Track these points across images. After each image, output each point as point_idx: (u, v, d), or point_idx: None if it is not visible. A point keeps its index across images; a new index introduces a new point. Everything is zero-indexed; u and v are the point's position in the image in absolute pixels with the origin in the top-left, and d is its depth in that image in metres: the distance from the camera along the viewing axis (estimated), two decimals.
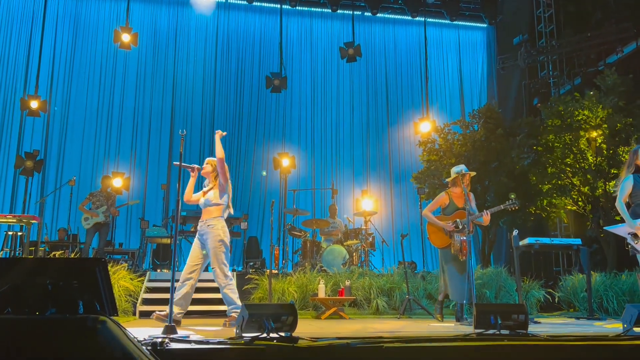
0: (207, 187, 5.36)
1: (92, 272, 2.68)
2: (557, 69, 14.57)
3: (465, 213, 5.72)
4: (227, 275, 5.10)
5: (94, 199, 9.32)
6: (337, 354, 2.94)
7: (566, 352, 3.17)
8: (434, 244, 6.12)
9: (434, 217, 6.01)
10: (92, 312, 2.58)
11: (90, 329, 2.31)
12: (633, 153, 5.20)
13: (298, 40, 15.35)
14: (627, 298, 7.68)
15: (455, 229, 5.82)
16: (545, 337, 3.36)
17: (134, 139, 13.83)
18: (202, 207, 5.26)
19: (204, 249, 5.15)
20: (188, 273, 5.09)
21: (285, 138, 14.67)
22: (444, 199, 6.08)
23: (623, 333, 3.67)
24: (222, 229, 5.14)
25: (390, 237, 13.56)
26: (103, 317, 2.40)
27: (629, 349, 3.26)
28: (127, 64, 14.03)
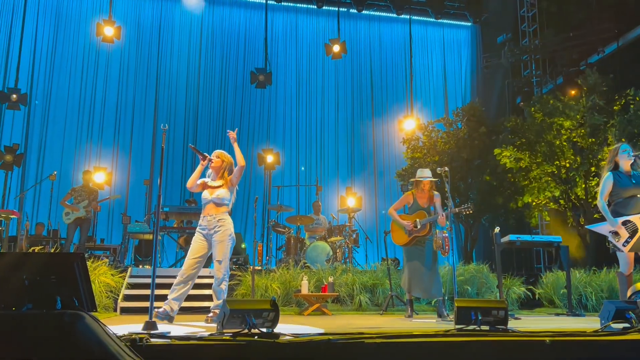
0: (215, 183, 5.24)
1: (70, 267, 2.64)
2: (539, 68, 14.72)
3: (425, 213, 6.06)
4: (228, 271, 5.13)
5: (75, 194, 9.19)
6: (318, 349, 2.94)
7: (545, 347, 3.21)
8: (395, 242, 6.32)
9: (397, 216, 6.24)
10: (70, 308, 2.55)
11: (67, 325, 2.28)
12: (614, 151, 5.28)
13: (283, 36, 15.30)
14: (605, 295, 7.80)
15: (414, 228, 6.04)
16: (524, 333, 3.39)
17: (117, 134, 13.68)
18: (210, 202, 5.15)
19: (209, 244, 5.12)
20: (191, 269, 5.05)
21: (270, 134, 14.63)
22: (408, 198, 6.31)
23: (601, 329, 3.72)
24: (231, 224, 5.18)
25: (374, 234, 13.62)
26: (81, 313, 2.37)
27: (607, 344, 3.30)
28: (110, 57, 13.86)
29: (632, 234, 4.93)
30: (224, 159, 5.31)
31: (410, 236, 6.06)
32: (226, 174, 5.27)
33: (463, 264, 8.95)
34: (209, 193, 5.19)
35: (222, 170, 5.26)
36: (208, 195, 5.17)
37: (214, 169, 5.28)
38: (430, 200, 6.16)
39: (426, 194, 6.18)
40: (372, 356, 2.99)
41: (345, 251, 9.72)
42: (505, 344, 3.21)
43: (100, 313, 6.25)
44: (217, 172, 5.27)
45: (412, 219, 6.13)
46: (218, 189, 5.19)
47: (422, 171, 6.33)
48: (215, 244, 5.07)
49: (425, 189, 6.17)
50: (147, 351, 2.69)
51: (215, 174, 5.28)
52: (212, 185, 5.23)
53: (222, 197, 5.13)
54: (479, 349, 3.14)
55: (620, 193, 5.09)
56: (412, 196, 6.27)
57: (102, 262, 7.14)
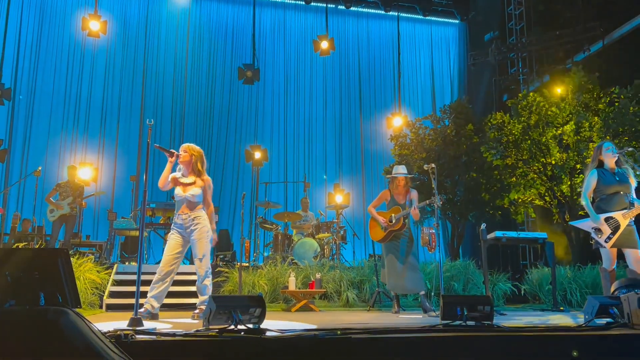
0: (187, 179, 5.11)
1: (54, 263, 2.61)
2: (526, 66, 14.83)
3: (400, 208, 6.18)
4: (209, 268, 5.09)
5: (60, 190, 9.02)
6: (304, 345, 2.94)
7: (530, 342, 3.24)
8: (373, 238, 6.47)
9: (375, 212, 6.37)
10: (54, 304, 2.52)
11: (51, 321, 2.26)
12: (597, 148, 5.34)
13: (271, 32, 15.25)
14: (589, 290, 7.88)
15: (389, 223, 6.16)
16: (509, 328, 3.42)
17: (103, 130, 13.55)
18: (184, 201, 5.06)
19: (185, 241, 5.08)
20: (169, 266, 5.01)
21: (258, 130, 14.58)
22: (386, 195, 6.43)
23: (584, 324, 3.76)
24: (207, 221, 5.13)
25: (362, 230, 13.65)
26: (65, 309, 2.35)
27: (590, 339, 3.34)
28: (96, 52, 13.72)
29: (614, 230, 4.99)
30: (192, 152, 5.12)
31: (385, 231, 6.18)
32: (199, 165, 5.12)
33: (450, 260, 9.01)
34: (182, 190, 5.07)
35: (193, 164, 5.11)
36: (181, 193, 5.06)
37: (183, 164, 5.12)
38: (407, 196, 6.28)
39: (402, 190, 6.29)
40: (359, 352, 3.00)
41: (332, 248, 9.73)
42: (491, 339, 3.23)
43: (85, 310, 6.20)
44: (188, 166, 5.12)
45: (388, 215, 6.26)
46: (191, 186, 5.07)
47: (396, 168, 6.46)
48: (194, 243, 5.04)
49: (400, 185, 6.28)
50: (132, 347, 2.67)
51: (186, 169, 5.13)
52: (185, 182, 5.10)
53: (196, 195, 5.04)
54: (465, 344, 3.16)
55: (604, 190, 5.15)
56: (389, 193, 6.40)
57: (87, 259, 7.07)
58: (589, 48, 13.15)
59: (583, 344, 3.31)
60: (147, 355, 2.70)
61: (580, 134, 9.96)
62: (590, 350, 3.30)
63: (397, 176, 6.29)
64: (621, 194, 5.11)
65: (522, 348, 3.22)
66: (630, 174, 5.22)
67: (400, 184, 6.27)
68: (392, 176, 6.39)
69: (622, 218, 5.00)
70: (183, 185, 5.08)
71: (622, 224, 4.98)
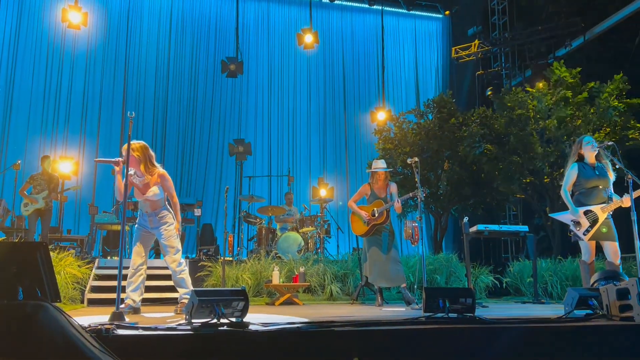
0: (141, 180, 4.87)
1: (33, 257, 2.58)
2: (509, 61, 14.94)
3: (382, 202, 6.26)
4: (181, 262, 5.04)
5: (34, 183, 8.62)
6: (288, 338, 2.94)
7: (510, 334, 3.27)
8: (355, 232, 6.52)
9: (356, 207, 6.43)
10: (33, 298, 2.49)
11: (29, 315, 2.23)
12: (577, 143, 5.40)
13: (255, 25, 15.15)
14: (570, 283, 7.99)
15: (372, 217, 6.24)
16: (491, 320, 3.45)
17: (84, 123, 13.36)
18: (145, 201, 4.93)
19: (151, 235, 5.03)
20: (140, 258, 4.97)
21: (241, 124, 14.50)
22: (366, 189, 6.52)
23: (564, 315, 3.81)
24: (172, 216, 5.06)
25: (346, 224, 13.66)
26: (44, 303, 2.32)
27: (570, 330, 3.39)
28: (77, 44, 13.50)
29: (593, 223, 5.07)
30: (134, 151, 4.74)
31: (368, 226, 6.26)
32: (149, 164, 4.85)
33: (433, 254, 9.07)
34: (140, 193, 4.89)
35: (142, 162, 4.81)
36: (140, 195, 4.89)
37: (132, 167, 4.80)
38: (387, 190, 6.37)
39: (382, 184, 6.38)
40: (342, 344, 3.01)
41: (317, 242, 9.74)
42: (473, 331, 3.26)
43: (66, 304, 6.13)
44: (137, 166, 4.81)
45: (370, 209, 6.32)
46: (148, 187, 4.88)
47: (376, 162, 6.53)
48: (162, 243, 4.99)
49: (381, 179, 6.38)
50: (113, 342, 2.65)
51: (137, 170, 4.86)
52: (140, 184, 4.89)
53: (155, 194, 4.88)
54: (447, 336, 3.18)
55: (584, 184, 5.22)
56: (369, 187, 6.48)
57: (68, 253, 6.98)
58: (570, 43, 13.29)
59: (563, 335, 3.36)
60: (128, 349, 2.68)
61: (562, 128, 10.07)
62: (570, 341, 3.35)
63: (377, 171, 6.37)
64: (600, 188, 5.19)
65: (503, 340, 3.26)
66: (609, 168, 5.30)
67: (381, 178, 6.37)
68: (372, 171, 6.45)
69: (600, 212, 5.08)
70: (140, 188, 4.89)
71: (600, 217, 5.06)
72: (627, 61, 12.39)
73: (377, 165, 6.46)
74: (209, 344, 2.82)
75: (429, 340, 3.14)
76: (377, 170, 6.37)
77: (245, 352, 2.84)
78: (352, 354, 2.98)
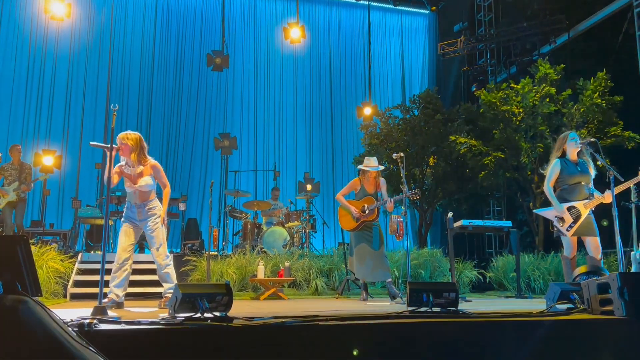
0: (133, 170, 4.86)
1: (13, 251, 2.54)
2: (494, 57, 15.03)
3: (373, 199, 6.21)
4: (167, 255, 5.01)
5: (5, 174, 8.33)
6: (271, 332, 2.93)
7: (493, 328, 3.30)
8: (343, 227, 6.45)
9: (345, 201, 6.36)
10: (13, 292, 2.45)
11: (9, 310, 2.19)
12: (562, 138, 5.45)
13: (241, 18, 15.05)
14: (552, 278, 8.09)
15: (362, 214, 6.18)
16: (474, 314, 3.48)
17: (67, 115, 13.18)
18: (136, 192, 4.90)
19: (138, 229, 4.99)
20: (125, 253, 4.92)
21: (227, 118, 14.42)
22: (355, 184, 6.42)
23: (546, 310, 3.85)
24: (161, 209, 5.03)
25: (332, 219, 13.68)
26: (24, 297, 2.28)
27: (551, 324, 3.43)
28: (60, 35, 13.30)
29: (576, 219, 5.13)
30: (128, 142, 4.78)
31: (357, 221, 6.21)
32: (142, 154, 4.86)
33: (417, 249, 9.12)
34: (131, 182, 4.86)
35: (135, 151, 4.80)
36: (131, 186, 4.86)
37: (124, 155, 4.81)
38: (377, 187, 6.32)
39: (373, 181, 6.33)
40: (326, 338, 3.01)
41: (302, 236, 9.74)
42: (456, 324, 3.28)
43: (48, 299, 6.07)
44: (129, 154, 4.80)
45: (359, 204, 6.26)
46: (140, 177, 4.86)
47: (368, 160, 6.45)
48: (149, 234, 4.94)
49: (372, 176, 6.32)
50: (95, 336, 2.62)
51: (129, 159, 4.84)
52: (132, 174, 4.87)
53: (148, 185, 4.87)
54: (430, 330, 3.20)
55: (566, 180, 5.27)
56: (359, 182, 6.40)
57: (50, 248, 6.90)
58: (555, 40, 13.40)
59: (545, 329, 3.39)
60: (111, 344, 2.66)
61: (545, 124, 10.16)
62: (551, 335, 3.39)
63: (370, 170, 6.28)
64: (582, 185, 5.25)
65: (486, 333, 3.29)
66: (591, 165, 5.36)
67: (372, 175, 6.31)
68: (363, 169, 6.36)
69: (583, 208, 5.14)
70: (131, 178, 4.86)
71: (583, 213, 5.12)
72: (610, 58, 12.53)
73: (369, 163, 6.36)
74: (192, 338, 2.81)
75: (413, 334, 3.16)
76: (370, 170, 6.28)
77: (228, 346, 2.83)
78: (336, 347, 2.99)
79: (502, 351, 3.25)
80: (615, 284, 3.58)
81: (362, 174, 6.41)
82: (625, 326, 3.43)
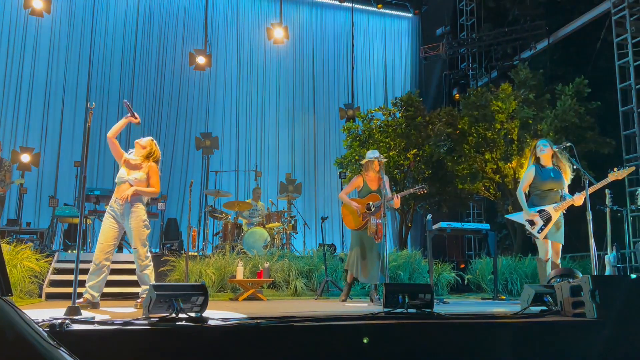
0: (135, 160, 5.04)
1: None
2: (476, 62, 15.18)
3: (378, 196, 5.96)
4: (148, 256, 4.97)
5: None
6: (246, 333, 2.93)
7: (467, 329, 3.34)
8: (348, 226, 6.21)
9: (349, 199, 6.13)
10: None
11: None
12: (533, 146, 5.56)
13: (224, 18, 14.96)
14: (529, 280, 8.19)
15: (367, 211, 5.99)
16: (448, 316, 3.52)
17: (46, 113, 12.97)
18: (126, 183, 4.91)
19: (120, 227, 4.94)
20: (105, 254, 4.86)
21: (209, 117, 14.31)
22: (358, 181, 6.22)
23: (520, 311, 3.91)
24: (144, 209, 5.00)
25: (313, 220, 13.70)
26: None
27: (525, 326, 3.47)
28: (39, 32, 13.10)
29: (546, 222, 5.23)
30: (145, 146, 5.14)
31: (364, 220, 5.97)
32: (152, 160, 5.10)
33: (397, 250, 9.16)
34: (126, 172, 4.97)
35: (144, 157, 5.09)
36: (125, 175, 4.95)
37: (136, 153, 5.11)
38: (380, 183, 6.03)
39: (376, 176, 6.10)
40: (301, 339, 3.02)
41: (283, 237, 9.73)
42: (431, 326, 3.31)
43: (23, 299, 5.99)
44: (140, 154, 5.10)
45: (364, 202, 6.06)
46: (137, 170, 4.98)
47: (372, 152, 6.24)
48: (130, 231, 4.91)
49: (374, 173, 6.10)
50: (67, 337, 2.60)
51: (138, 160, 5.08)
52: (132, 163, 5.03)
53: (138, 179, 4.93)
54: (405, 331, 3.23)
55: (539, 186, 5.39)
56: (361, 179, 6.18)
57: (26, 246, 6.80)
58: (535, 45, 13.59)
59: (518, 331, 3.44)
60: (83, 344, 2.63)
61: (524, 128, 10.29)
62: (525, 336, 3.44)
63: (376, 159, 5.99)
64: (555, 191, 5.35)
65: (460, 334, 3.32)
66: (567, 169, 5.45)
67: (375, 170, 6.07)
68: (368, 160, 6.12)
69: (553, 211, 5.24)
70: (130, 165, 5.01)
71: (553, 216, 5.23)
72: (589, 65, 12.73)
73: (374, 154, 6.14)
74: (166, 338, 2.79)
75: (388, 335, 3.18)
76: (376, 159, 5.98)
77: (203, 347, 2.82)
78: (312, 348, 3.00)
79: (475, 352, 3.29)
80: (587, 287, 3.65)
81: (365, 170, 6.19)
82: (596, 328, 3.49)
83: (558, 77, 11.68)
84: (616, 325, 3.48)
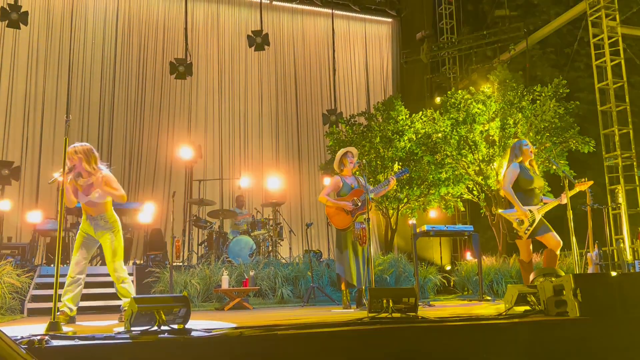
0: (84, 181, 4.74)
1: None
2: (456, 64, 15.31)
3: (361, 190, 5.85)
4: (124, 269, 4.91)
5: None
6: (229, 344, 2.90)
7: (451, 331, 3.35)
8: (337, 226, 5.95)
9: (331, 199, 5.96)
10: None
11: None
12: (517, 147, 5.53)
13: (204, 25, 14.92)
14: (514, 280, 8.26)
15: (354, 207, 5.83)
16: (432, 319, 3.52)
17: (25, 126, 12.79)
18: (86, 204, 4.79)
19: (93, 241, 4.88)
20: (79, 268, 4.80)
21: (191, 127, 14.23)
22: (337, 182, 6.04)
23: (504, 312, 3.92)
24: (117, 221, 4.92)
25: (299, 227, 13.66)
26: None
27: (509, 326, 3.49)
28: (17, 44, 12.94)
29: (531, 223, 5.26)
30: (77, 154, 4.67)
31: (353, 216, 5.82)
32: (93, 165, 4.72)
33: (383, 254, 9.18)
34: (83, 194, 4.77)
35: (87, 163, 4.70)
36: (84, 197, 4.77)
37: (79, 170, 4.71)
38: (357, 180, 6.01)
39: (349, 173, 6.02)
40: (285, 347, 3.00)
41: (268, 245, 9.69)
42: (415, 330, 3.31)
43: (4, 315, 5.89)
44: (82, 167, 4.70)
45: (348, 199, 5.90)
46: (92, 188, 4.75)
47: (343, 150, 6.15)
48: (104, 246, 4.83)
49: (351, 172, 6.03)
50: (47, 354, 2.55)
51: (80, 172, 4.74)
52: (84, 185, 4.76)
53: (99, 197, 4.76)
54: (390, 335, 3.22)
55: (523, 185, 5.37)
56: (339, 179, 6.03)
57: (6, 262, 6.69)
58: (514, 48, 13.75)
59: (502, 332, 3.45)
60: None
61: (505, 130, 10.39)
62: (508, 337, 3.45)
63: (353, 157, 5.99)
64: (537, 191, 5.38)
65: (444, 337, 3.32)
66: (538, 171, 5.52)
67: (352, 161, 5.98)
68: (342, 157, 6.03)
69: (537, 213, 5.28)
70: (83, 188, 4.77)
71: (537, 218, 5.26)
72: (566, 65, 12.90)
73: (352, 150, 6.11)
74: (148, 352, 2.75)
75: (373, 340, 3.17)
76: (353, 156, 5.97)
77: (185, 359, 2.79)
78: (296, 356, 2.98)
79: (460, 355, 3.29)
80: (570, 285, 3.67)
81: (339, 170, 6.08)
82: (579, 327, 3.52)
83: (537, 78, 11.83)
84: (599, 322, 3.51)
